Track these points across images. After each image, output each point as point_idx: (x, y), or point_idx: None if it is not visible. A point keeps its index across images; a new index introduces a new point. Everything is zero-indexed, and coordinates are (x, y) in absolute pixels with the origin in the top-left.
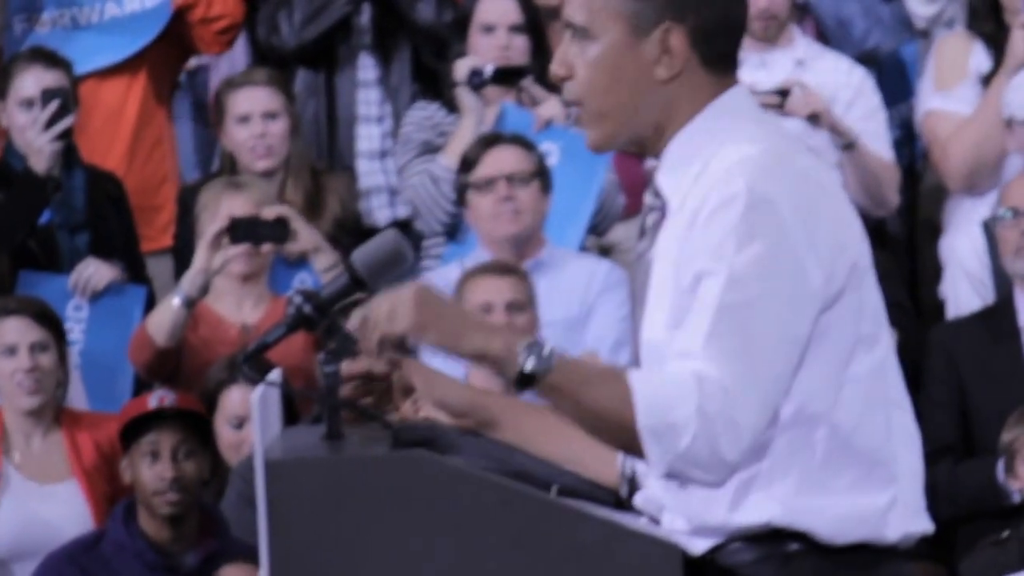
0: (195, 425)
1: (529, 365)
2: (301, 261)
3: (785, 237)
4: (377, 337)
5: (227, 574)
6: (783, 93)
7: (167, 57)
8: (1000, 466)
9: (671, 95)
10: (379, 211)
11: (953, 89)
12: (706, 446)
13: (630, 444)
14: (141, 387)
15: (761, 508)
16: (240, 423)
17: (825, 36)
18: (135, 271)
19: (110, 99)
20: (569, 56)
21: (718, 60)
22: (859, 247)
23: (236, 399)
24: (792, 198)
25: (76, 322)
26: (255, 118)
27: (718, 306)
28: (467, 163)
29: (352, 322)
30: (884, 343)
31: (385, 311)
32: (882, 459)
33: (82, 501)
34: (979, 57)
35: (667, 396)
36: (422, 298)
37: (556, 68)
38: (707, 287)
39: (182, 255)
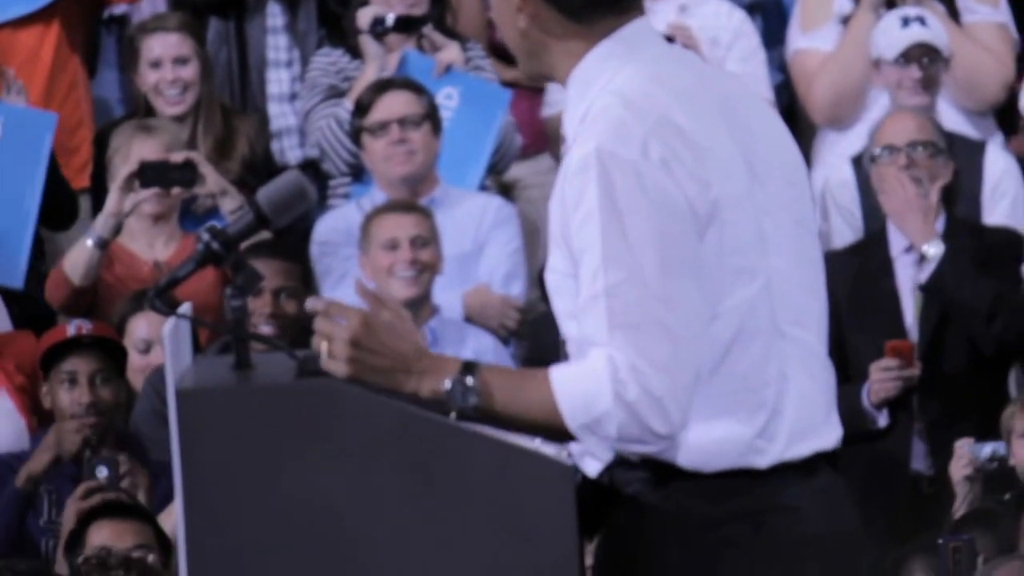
0: (111, 353)
1: (460, 403)
2: (211, 212)
3: (644, 193)
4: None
5: (98, 529)
6: (668, 39)
7: (81, 4)
8: (865, 391)
9: (542, 42)
10: (290, 151)
11: (817, 29)
12: (635, 427)
13: (573, 438)
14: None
15: None
16: (147, 347)
17: None
18: (70, 199)
19: (25, 46)
20: None
21: (582, 11)
22: (725, 181)
23: (142, 325)
24: (645, 149)
25: None
26: (166, 63)
27: (605, 290)
28: (361, 107)
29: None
30: (764, 274)
31: (325, 349)
32: (752, 387)
33: (16, 415)
34: (842, 0)
35: (586, 393)
36: (358, 340)
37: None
38: (587, 268)
39: (99, 194)
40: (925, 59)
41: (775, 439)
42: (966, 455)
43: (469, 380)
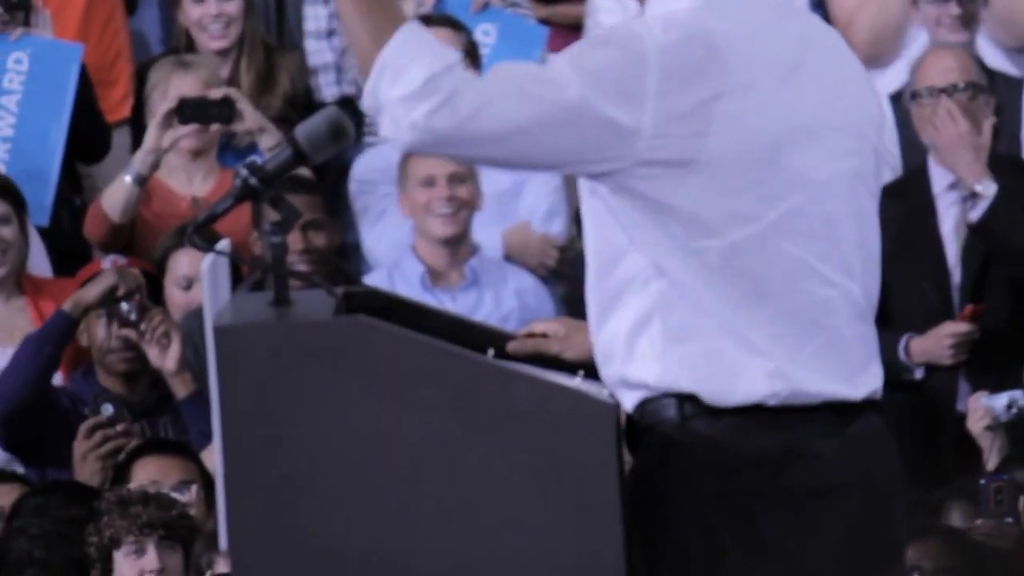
0: (148, 287)
1: None
2: (250, 148)
3: (627, 61)
4: None
5: (143, 466)
6: None
7: None
8: (902, 346)
9: None
10: (327, 88)
11: None
12: (414, 111)
13: (365, 70)
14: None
15: (645, 365)
16: (188, 284)
17: None
18: (102, 132)
19: None
20: None
21: None
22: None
23: (184, 262)
24: (666, 54)
25: (16, 73)
26: None
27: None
28: None
29: None
30: (771, 217)
31: None
32: (788, 324)
33: None
34: None
35: (429, 53)
36: None
37: None
38: None
39: (139, 128)
40: None
41: (802, 379)
42: (981, 407)
43: None
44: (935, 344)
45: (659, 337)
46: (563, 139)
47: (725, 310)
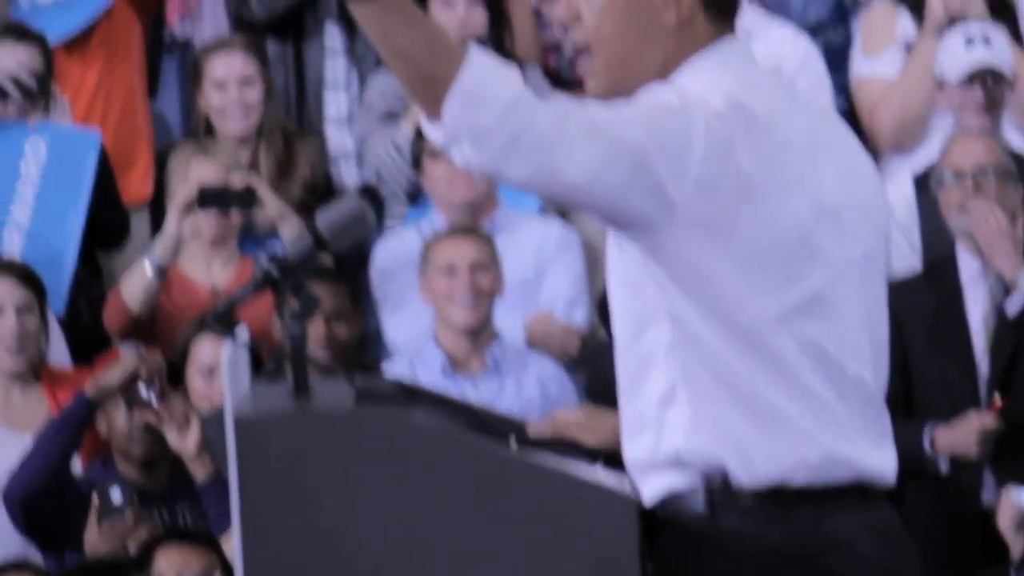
0: (168, 378)
1: None
2: (270, 235)
3: (678, 124)
4: None
5: (166, 556)
6: None
7: (139, 26)
8: (926, 436)
9: (675, 42)
10: (347, 175)
11: (880, 54)
12: (497, 137)
13: (423, 90)
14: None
15: (675, 437)
16: (211, 373)
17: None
18: (121, 220)
19: (77, 66)
20: (576, 1)
21: (721, 8)
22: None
23: (206, 351)
24: (712, 123)
25: (34, 161)
26: (231, 83)
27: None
28: (422, 131)
29: None
30: (795, 295)
31: None
32: (795, 405)
33: None
34: (905, 23)
35: (501, 77)
36: None
37: (564, 12)
38: None
39: (158, 212)
40: (989, 80)
41: (825, 453)
42: (1010, 502)
43: None
44: (961, 436)
45: (687, 408)
46: (623, 183)
47: (750, 381)
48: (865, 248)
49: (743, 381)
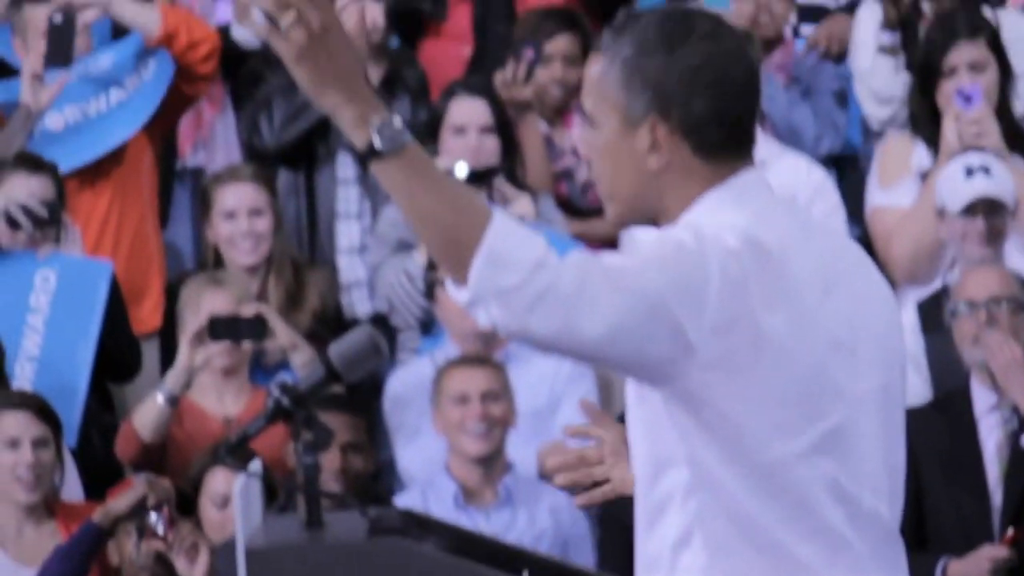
0: (178, 505)
1: (381, 143)
2: (281, 364)
3: (693, 265)
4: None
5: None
6: None
7: (151, 156)
8: (939, 569)
9: (667, 183)
10: (359, 304)
11: (896, 185)
12: (523, 298)
13: (447, 251)
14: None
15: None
16: (224, 503)
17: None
18: (132, 351)
19: (89, 196)
20: (586, 139)
21: (714, 149)
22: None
23: (220, 480)
24: (727, 261)
25: (44, 292)
26: (241, 214)
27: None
28: (434, 262)
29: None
30: (813, 434)
31: (286, 21)
32: (808, 545)
33: None
34: (921, 155)
35: (523, 237)
36: (325, 32)
37: (580, 147)
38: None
39: (168, 342)
40: (990, 210)
41: None
42: None
43: (405, 134)
44: (974, 568)
45: (703, 551)
46: (643, 333)
47: (766, 524)
48: (883, 379)
49: (759, 524)
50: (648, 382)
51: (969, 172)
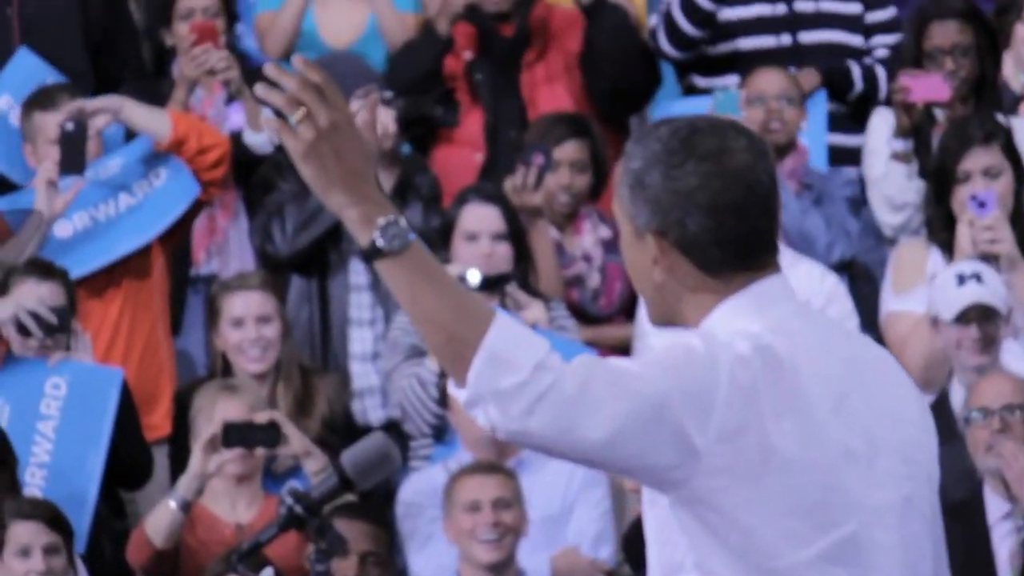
0: None
1: (384, 242)
2: (292, 471)
3: (702, 370)
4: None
5: None
6: None
7: (153, 255)
8: None
9: (676, 293)
10: (372, 411)
11: (910, 291)
12: (522, 399)
13: (448, 351)
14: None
15: None
16: None
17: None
18: (144, 458)
19: (99, 303)
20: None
21: (718, 267)
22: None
23: None
24: (736, 368)
25: (54, 399)
26: (249, 321)
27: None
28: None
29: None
30: (824, 543)
31: (297, 117)
32: None
33: None
34: (936, 261)
35: (525, 339)
36: (334, 129)
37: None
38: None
39: (179, 449)
40: (984, 317)
41: None
42: None
43: (409, 233)
44: None
45: None
46: (646, 437)
47: None
48: (906, 490)
49: None
50: (654, 486)
51: (961, 280)
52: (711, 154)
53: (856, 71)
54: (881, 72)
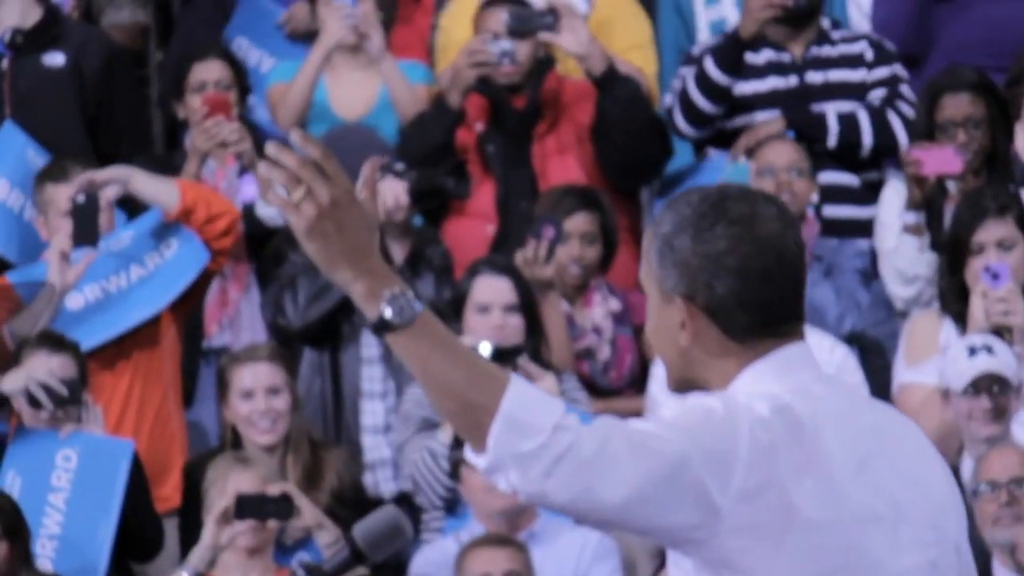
0: None
1: (393, 316)
2: (302, 542)
3: (721, 429)
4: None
5: None
6: None
7: (164, 326)
8: None
9: (701, 358)
10: (384, 484)
11: (923, 363)
12: (541, 461)
13: (464, 419)
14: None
15: None
16: None
17: None
18: (155, 530)
19: (109, 375)
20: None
21: (744, 332)
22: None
23: None
24: (757, 428)
25: (65, 471)
26: (258, 393)
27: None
28: (460, 440)
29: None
30: None
31: (297, 197)
32: None
33: None
34: (948, 333)
35: (541, 401)
36: (335, 206)
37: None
38: None
39: (189, 520)
40: (995, 388)
41: None
42: None
43: (416, 303)
44: None
45: None
46: (666, 497)
47: None
48: (932, 555)
49: None
50: (676, 548)
51: (972, 351)
52: (742, 219)
53: (864, 121)
54: (896, 121)
